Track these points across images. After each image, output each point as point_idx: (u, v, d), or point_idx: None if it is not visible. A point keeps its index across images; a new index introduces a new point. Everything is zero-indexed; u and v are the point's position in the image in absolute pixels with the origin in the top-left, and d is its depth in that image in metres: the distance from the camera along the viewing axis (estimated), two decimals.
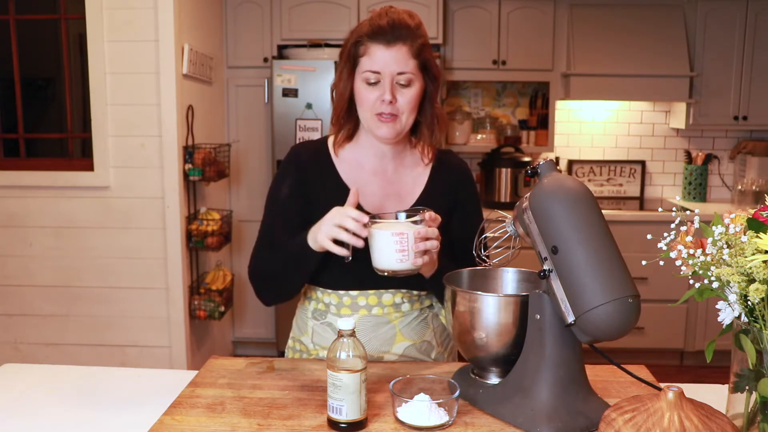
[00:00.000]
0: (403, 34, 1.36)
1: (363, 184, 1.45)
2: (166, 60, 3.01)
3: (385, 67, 1.36)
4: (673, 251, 1.03)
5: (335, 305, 1.46)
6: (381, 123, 1.39)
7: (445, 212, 1.43)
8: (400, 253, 1.24)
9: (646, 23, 3.93)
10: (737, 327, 1.00)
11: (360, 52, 1.38)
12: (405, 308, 1.47)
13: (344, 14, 3.80)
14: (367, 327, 1.45)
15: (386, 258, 1.25)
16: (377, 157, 1.48)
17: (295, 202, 1.45)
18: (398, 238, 1.23)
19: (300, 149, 1.51)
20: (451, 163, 1.54)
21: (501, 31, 3.91)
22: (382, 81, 1.36)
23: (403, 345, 1.47)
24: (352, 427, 1.10)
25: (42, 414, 1.26)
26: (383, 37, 1.35)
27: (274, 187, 1.49)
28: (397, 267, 1.25)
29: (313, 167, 1.47)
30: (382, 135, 1.40)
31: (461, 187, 1.53)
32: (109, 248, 3.15)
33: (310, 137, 3.65)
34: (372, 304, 1.45)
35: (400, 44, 1.36)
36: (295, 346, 1.56)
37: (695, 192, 4.15)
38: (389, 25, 1.36)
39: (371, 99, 1.38)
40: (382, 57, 1.35)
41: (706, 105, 3.96)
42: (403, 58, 1.36)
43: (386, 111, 1.37)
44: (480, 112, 4.31)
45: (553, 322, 1.10)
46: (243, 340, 4.10)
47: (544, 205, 1.11)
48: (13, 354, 3.24)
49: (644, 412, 0.93)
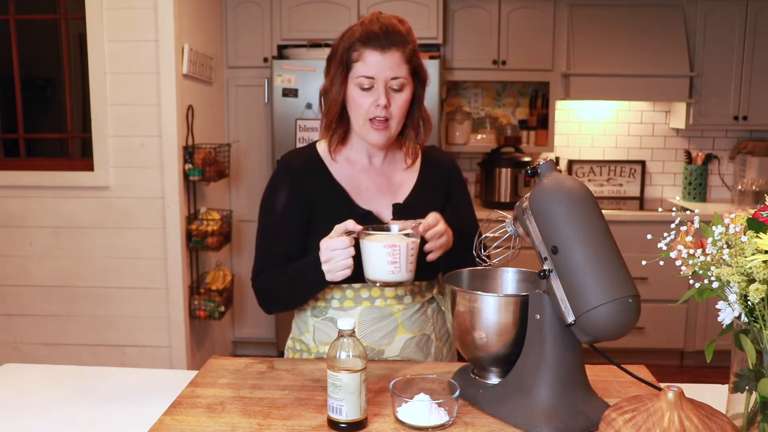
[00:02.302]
0: (397, 39, 1.39)
1: (357, 183, 1.49)
2: (166, 60, 3.01)
3: (379, 73, 1.39)
4: (673, 251, 1.03)
5: (338, 299, 1.47)
6: (373, 130, 1.43)
7: (438, 204, 1.51)
8: (391, 264, 1.27)
9: (645, 23, 3.93)
10: (737, 327, 1.00)
11: (354, 57, 1.40)
12: (407, 300, 1.48)
13: (344, 14, 3.80)
14: (369, 319, 1.46)
15: (378, 269, 1.28)
16: (368, 156, 1.52)
17: (294, 212, 1.47)
18: (390, 251, 1.26)
19: (291, 158, 1.53)
20: (439, 157, 1.61)
21: (501, 31, 3.91)
22: (375, 86, 1.40)
23: (403, 338, 1.47)
24: (352, 427, 1.10)
25: (42, 414, 1.26)
26: (377, 42, 1.38)
27: (269, 199, 1.50)
28: (388, 278, 1.28)
29: (308, 173, 1.49)
30: (374, 141, 1.45)
31: (450, 179, 1.59)
32: (109, 248, 3.15)
33: (311, 137, 3.65)
34: (375, 296, 1.46)
35: (394, 50, 1.39)
36: (295, 346, 1.57)
37: (695, 192, 4.15)
38: (383, 31, 1.38)
39: (365, 104, 1.41)
40: (377, 63, 1.38)
41: (706, 105, 3.96)
42: (397, 63, 1.39)
43: (381, 115, 1.41)
44: (480, 112, 4.31)
45: (553, 322, 1.10)
46: (243, 340, 4.10)
47: (544, 205, 1.11)
48: (13, 354, 3.24)
49: (644, 412, 0.93)
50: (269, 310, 1.53)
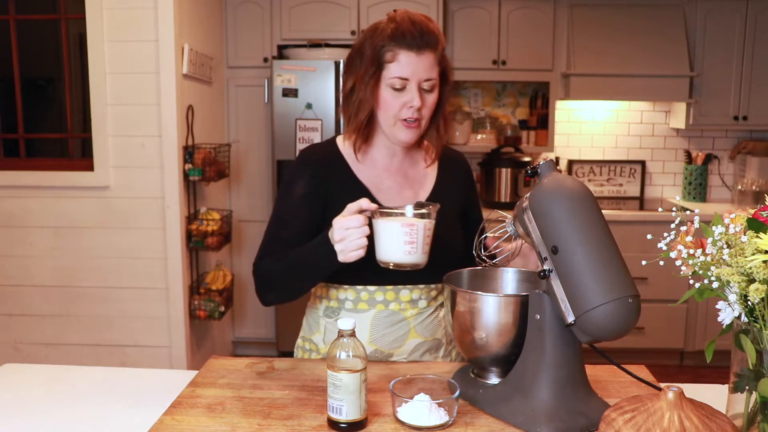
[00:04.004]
0: (431, 41, 1.37)
1: (379, 182, 1.48)
2: (166, 60, 3.01)
3: (414, 74, 1.37)
4: (673, 251, 1.03)
5: (352, 300, 1.46)
6: (405, 129, 1.41)
7: (458, 202, 1.53)
8: (408, 245, 1.22)
9: (646, 23, 3.93)
10: (737, 327, 1.00)
11: (387, 57, 1.37)
12: (421, 304, 1.47)
13: (344, 14, 3.80)
14: (382, 322, 1.45)
15: (393, 249, 1.22)
16: (389, 155, 1.50)
17: (311, 202, 1.44)
18: (408, 230, 1.21)
19: (311, 152, 1.51)
20: (452, 154, 1.62)
21: (501, 31, 3.91)
22: (408, 87, 1.38)
23: (414, 341, 1.47)
24: (352, 427, 1.10)
25: (42, 414, 1.26)
26: (413, 43, 1.35)
27: (287, 187, 1.47)
28: (404, 259, 1.23)
29: (329, 169, 1.47)
30: (404, 139, 1.43)
31: (467, 176, 1.61)
32: (109, 248, 3.15)
33: (310, 137, 3.65)
34: (389, 299, 1.45)
35: (429, 51, 1.37)
36: (305, 345, 1.56)
37: (695, 192, 4.15)
38: (418, 32, 1.36)
39: (396, 105, 1.39)
40: (412, 64, 1.36)
41: (706, 105, 3.96)
42: (431, 64, 1.38)
43: (413, 116, 1.39)
44: (480, 112, 4.31)
45: (553, 322, 1.10)
46: (243, 340, 4.10)
47: (544, 205, 1.11)
48: (13, 354, 3.24)
49: (644, 412, 0.93)
50: (266, 298, 1.45)
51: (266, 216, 3.92)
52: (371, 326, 1.44)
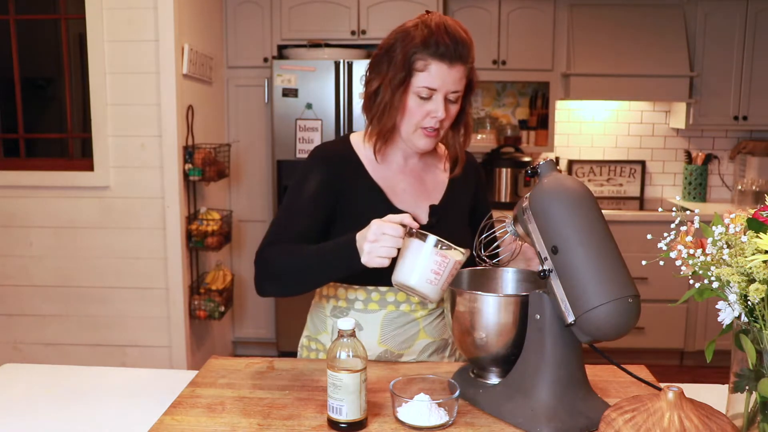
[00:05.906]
0: (464, 53, 1.35)
1: (393, 184, 1.47)
2: (166, 60, 3.01)
3: (442, 86, 1.36)
4: (673, 251, 1.03)
5: (362, 300, 1.45)
6: (424, 137, 1.41)
7: (469, 203, 1.55)
8: (433, 274, 1.19)
9: (646, 23, 3.93)
10: (737, 327, 1.00)
11: (418, 66, 1.35)
12: (431, 305, 1.47)
13: (344, 14, 3.80)
14: (392, 323, 1.45)
15: (417, 273, 1.19)
16: (405, 157, 1.50)
17: (323, 197, 1.42)
18: (440, 259, 1.19)
19: (326, 149, 1.50)
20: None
21: (501, 31, 3.92)
22: (434, 97, 1.37)
23: (423, 342, 1.47)
24: (352, 427, 1.10)
25: (42, 414, 1.26)
26: (446, 55, 1.33)
27: (300, 181, 1.45)
28: (422, 287, 1.19)
29: (343, 167, 1.46)
30: (422, 147, 1.43)
31: (478, 177, 1.60)
32: (109, 248, 3.15)
33: (311, 137, 3.65)
34: (400, 300, 1.45)
35: (460, 65, 1.36)
36: (310, 345, 1.55)
37: (695, 192, 4.15)
38: (452, 43, 1.34)
39: (420, 114, 1.38)
40: (442, 76, 1.35)
41: (706, 105, 3.96)
42: (460, 78, 1.37)
43: (435, 126, 1.39)
44: (480, 112, 4.31)
45: (553, 322, 1.10)
46: (243, 340, 4.10)
47: (544, 205, 1.11)
48: (13, 354, 3.24)
49: (644, 412, 0.93)
50: (263, 288, 1.39)
51: (266, 216, 3.92)
52: (381, 327, 1.44)
